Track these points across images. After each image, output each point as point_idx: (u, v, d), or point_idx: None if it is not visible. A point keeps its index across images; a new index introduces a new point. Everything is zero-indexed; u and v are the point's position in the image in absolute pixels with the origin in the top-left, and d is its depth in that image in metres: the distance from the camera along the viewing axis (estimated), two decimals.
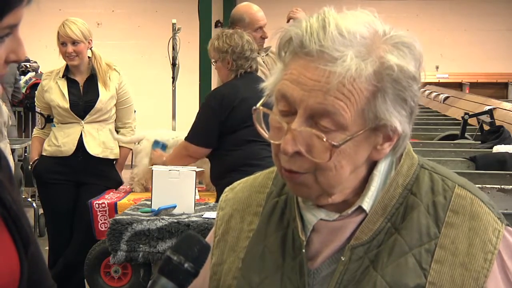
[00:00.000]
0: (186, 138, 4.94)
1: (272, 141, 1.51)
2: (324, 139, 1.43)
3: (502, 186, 4.07)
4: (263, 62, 5.85)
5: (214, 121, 4.80)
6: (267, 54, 6.01)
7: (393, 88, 1.45)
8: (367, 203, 1.55)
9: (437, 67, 14.29)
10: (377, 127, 1.46)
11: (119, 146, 5.79)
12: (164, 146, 5.13)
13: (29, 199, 8.13)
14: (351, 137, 1.44)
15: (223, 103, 4.77)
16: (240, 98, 4.73)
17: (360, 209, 1.55)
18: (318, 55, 1.42)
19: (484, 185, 4.04)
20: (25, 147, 8.32)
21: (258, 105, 1.53)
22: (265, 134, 1.53)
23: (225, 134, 4.79)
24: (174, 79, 7.32)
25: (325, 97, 1.42)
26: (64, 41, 5.54)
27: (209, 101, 4.97)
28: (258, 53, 5.34)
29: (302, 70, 1.45)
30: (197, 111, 5.07)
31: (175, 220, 4.26)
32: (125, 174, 5.92)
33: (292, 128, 1.45)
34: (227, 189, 1.81)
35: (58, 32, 5.56)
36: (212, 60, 5.08)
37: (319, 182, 1.49)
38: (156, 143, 5.15)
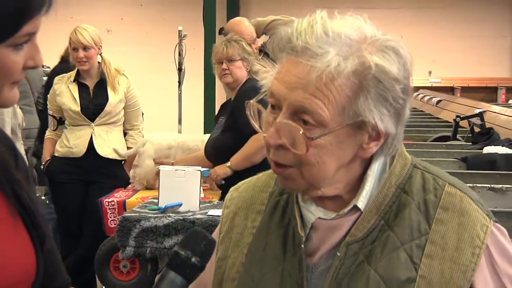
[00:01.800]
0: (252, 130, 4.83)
1: (263, 135, 1.52)
2: (301, 132, 1.45)
3: (492, 185, 4.06)
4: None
5: None
6: (262, 58, 6.05)
7: (376, 87, 1.45)
8: (362, 202, 1.55)
9: (430, 72, 14.29)
10: (356, 123, 1.47)
11: (127, 148, 5.80)
12: (208, 171, 5.05)
13: (43, 197, 8.12)
14: (328, 131, 1.45)
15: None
16: None
17: (356, 208, 1.56)
18: (302, 51, 1.44)
19: (475, 184, 4.04)
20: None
21: (252, 100, 1.55)
22: (257, 127, 1.55)
23: None
24: (180, 83, 7.33)
25: (304, 95, 1.43)
26: (76, 47, 5.55)
27: (254, 93, 4.86)
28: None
29: (289, 67, 1.47)
30: (240, 106, 4.95)
31: (181, 218, 4.27)
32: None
33: (276, 122, 1.47)
34: (232, 188, 1.82)
35: (70, 38, 5.57)
36: (233, 58, 5.03)
37: (304, 177, 1.50)
38: (205, 172, 5.04)
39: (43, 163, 5.96)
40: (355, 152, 1.52)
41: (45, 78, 9.35)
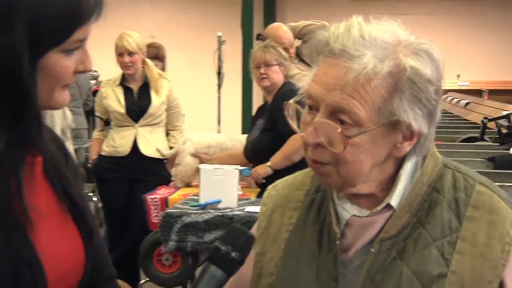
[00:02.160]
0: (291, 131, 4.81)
1: (301, 134, 1.52)
2: (339, 130, 1.44)
3: None
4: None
5: None
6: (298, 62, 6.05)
7: (410, 88, 1.44)
8: (394, 201, 1.55)
9: (458, 76, 14.18)
10: (391, 123, 1.46)
11: (170, 147, 5.82)
12: (248, 171, 5.06)
13: (90, 194, 8.19)
14: (364, 130, 1.44)
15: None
16: None
17: (389, 206, 1.55)
18: (340, 53, 1.44)
19: (502, 183, 4.00)
20: (87, 147, 8.41)
21: (291, 101, 1.55)
22: (295, 127, 1.55)
23: None
24: (219, 86, 7.35)
25: (342, 96, 1.43)
26: (121, 52, 5.58)
27: (293, 95, 4.82)
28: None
29: (326, 69, 1.46)
30: (279, 108, 4.95)
31: (220, 214, 4.27)
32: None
33: (314, 121, 1.47)
34: (269, 187, 1.81)
35: (116, 44, 5.61)
36: (270, 63, 5.03)
37: (340, 174, 1.50)
38: (245, 171, 5.07)
39: (91, 162, 6.01)
40: (389, 151, 1.51)
41: (92, 82, 9.47)
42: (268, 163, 4.87)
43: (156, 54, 7.11)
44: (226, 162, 4.98)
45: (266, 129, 4.95)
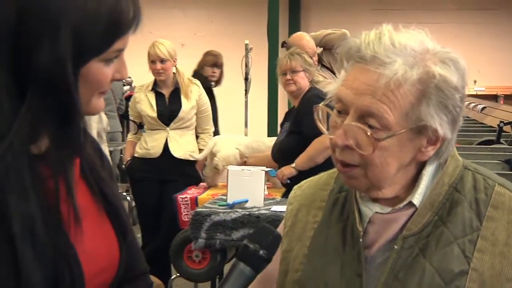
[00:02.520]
0: (317, 133, 4.81)
1: (329, 136, 1.51)
2: (368, 133, 1.43)
3: None
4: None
5: None
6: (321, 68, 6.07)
7: (437, 95, 1.44)
8: (417, 199, 1.53)
9: (475, 81, 14.07)
10: (418, 127, 1.46)
11: (199, 149, 5.84)
12: (274, 171, 5.08)
13: (124, 193, 8.23)
14: (393, 134, 1.44)
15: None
16: None
17: (411, 204, 1.54)
18: (371, 59, 1.43)
19: None
20: (121, 149, 8.47)
21: (321, 104, 1.55)
22: (323, 129, 1.55)
23: None
24: (246, 91, 7.34)
25: (372, 100, 1.43)
26: (154, 60, 5.61)
27: (319, 100, 4.77)
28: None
29: (356, 74, 1.46)
30: (305, 111, 4.94)
31: (247, 213, 4.27)
32: None
33: (344, 124, 1.46)
34: (295, 187, 1.81)
35: (149, 52, 5.64)
36: (296, 69, 5.02)
37: (368, 176, 1.49)
38: (271, 172, 5.09)
39: (125, 163, 6.04)
40: (414, 155, 1.50)
41: (126, 88, 9.53)
42: (293, 164, 4.86)
43: (215, 61, 7.24)
44: (261, 162, 5.00)
45: (292, 132, 4.95)
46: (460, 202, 1.53)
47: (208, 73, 7.35)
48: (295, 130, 4.89)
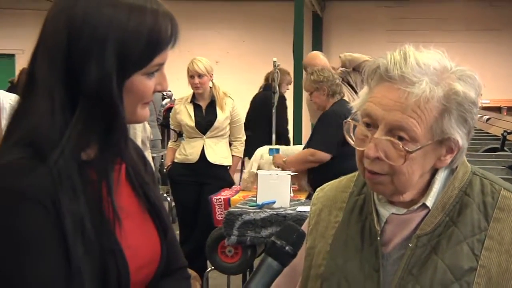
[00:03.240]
0: (314, 147, 4.83)
1: (357, 148, 1.50)
2: (401, 146, 1.43)
3: None
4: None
5: (336, 134, 4.57)
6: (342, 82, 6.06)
7: (458, 110, 1.44)
8: (430, 201, 1.52)
9: (480, 94, 14.00)
10: (442, 140, 1.45)
11: (232, 156, 5.85)
12: (277, 150, 5.13)
13: (165, 195, 8.25)
14: (421, 146, 1.43)
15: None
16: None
17: (424, 205, 1.52)
18: (399, 79, 1.42)
19: None
20: (162, 155, 8.50)
21: (348, 119, 1.53)
22: (352, 142, 1.53)
23: (341, 146, 4.65)
24: (274, 103, 7.33)
25: (402, 115, 1.42)
26: (193, 75, 5.63)
27: (333, 118, 4.79)
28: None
29: (385, 93, 1.44)
30: (316, 127, 4.97)
31: (275, 212, 4.27)
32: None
33: (374, 137, 1.45)
34: (318, 189, 1.80)
35: (188, 68, 5.66)
36: (308, 93, 5.04)
37: (394, 183, 1.48)
38: (271, 150, 5.14)
39: (166, 167, 6.06)
40: (434, 163, 1.49)
41: (166, 100, 9.57)
42: (285, 158, 4.98)
43: (290, 81, 7.75)
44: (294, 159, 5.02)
45: (307, 145, 5.03)
46: (469, 204, 1.51)
47: (284, 89, 8.24)
48: (308, 144, 4.97)
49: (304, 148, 5.02)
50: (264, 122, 7.68)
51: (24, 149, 1.32)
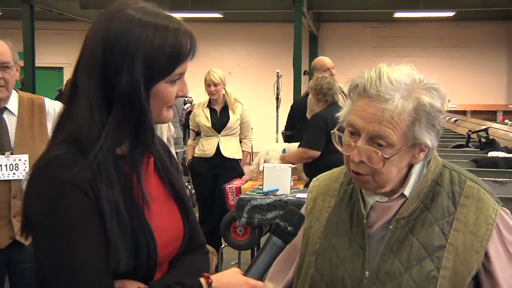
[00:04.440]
0: (305, 146, 4.82)
1: (344, 153, 1.50)
2: (379, 154, 1.43)
3: (495, 179, 3.96)
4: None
5: (323, 134, 4.63)
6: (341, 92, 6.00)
7: (426, 118, 1.43)
8: (407, 191, 1.52)
9: (449, 100, 13.99)
10: (414, 144, 1.45)
11: (242, 151, 5.85)
12: (284, 150, 5.14)
13: (186, 184, 8.26)
14: (397, 151, 1.44)
15: (327, 123, 4.66)
16: (335, 120, 4.63)
17: (402, 194, 1.52)
18: (375, 97, 1.42)
19: (483, 179, 3.89)
20: (184, 151, 8.50)
21: (334, 130, 1.53)
22: (339, 148, 1.53)
23: (326, 143, 4.65)
24: (277, 108, 7.33)
25: (379, 126, 1.42)
26: (209, 84, 5.64)
27: (318, 121, 4.77)
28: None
29: (365, 107, 1.44)
30: (307, 129, 4.94)
31: (278, 199, 4.25)
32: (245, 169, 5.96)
33: (357, 145, 1.45)
34: (314, 179, 1.79)
35: (205, 78, 5.67)
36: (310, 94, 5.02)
37: (376, 181, 1.48)
38: (283, 151, 5.15)
39: (187, 161, 6.07)
40: (409, 160, 1.49)
41: (187, 105, 9.56)
42: (287, 158, 4.98)
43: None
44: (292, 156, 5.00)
45: (301, 142, 5.00)
46: (440, 193, 1.51)
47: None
48: (300, 143, 4.96)
49: (298, 147, 5.00)
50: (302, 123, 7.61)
51: (69, 145, 1.33)
